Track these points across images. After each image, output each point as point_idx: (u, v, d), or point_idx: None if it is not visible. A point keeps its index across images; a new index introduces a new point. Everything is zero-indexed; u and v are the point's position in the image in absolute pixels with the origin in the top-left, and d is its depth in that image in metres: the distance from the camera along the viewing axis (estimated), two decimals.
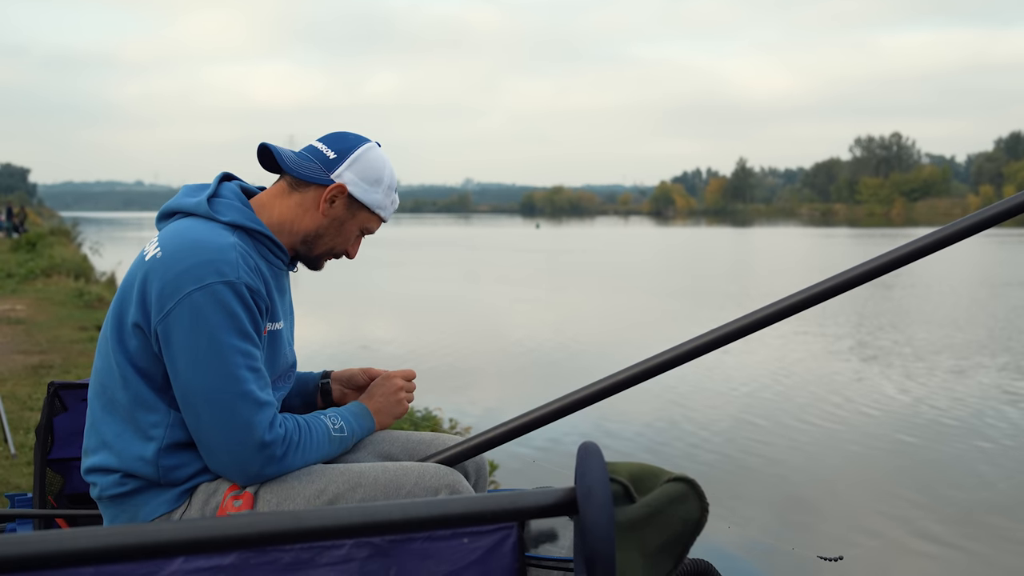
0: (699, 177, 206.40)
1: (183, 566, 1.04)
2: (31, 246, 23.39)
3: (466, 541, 1.11)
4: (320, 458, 1.89)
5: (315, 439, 1.87)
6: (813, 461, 6.82)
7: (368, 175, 1.96)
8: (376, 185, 1.97)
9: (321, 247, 2.00)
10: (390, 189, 2.00)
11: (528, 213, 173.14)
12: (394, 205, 2.04)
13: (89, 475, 1.86)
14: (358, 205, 1.97)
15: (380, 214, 2.00)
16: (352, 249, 2.04)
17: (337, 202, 1.95)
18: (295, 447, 1.82)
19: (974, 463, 6.75)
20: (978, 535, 5.30)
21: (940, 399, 8.68)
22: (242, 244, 1.83)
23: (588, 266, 30.80)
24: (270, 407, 1.78)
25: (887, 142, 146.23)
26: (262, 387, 1.78)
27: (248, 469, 1.78)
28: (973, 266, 27.76)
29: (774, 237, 56.59)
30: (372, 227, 2.02)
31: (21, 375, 7.50)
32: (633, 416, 7.87)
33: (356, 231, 2.01)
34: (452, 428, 7.00)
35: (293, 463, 1.83)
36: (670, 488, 1.09)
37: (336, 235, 1.99)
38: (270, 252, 1.92)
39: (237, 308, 1.75)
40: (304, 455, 1.84)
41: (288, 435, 1.81)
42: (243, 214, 1.90)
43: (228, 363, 1.73)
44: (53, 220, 58.71)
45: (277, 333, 1.92)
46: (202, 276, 1.73)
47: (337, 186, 1.93)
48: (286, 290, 2.04)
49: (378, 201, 1.98)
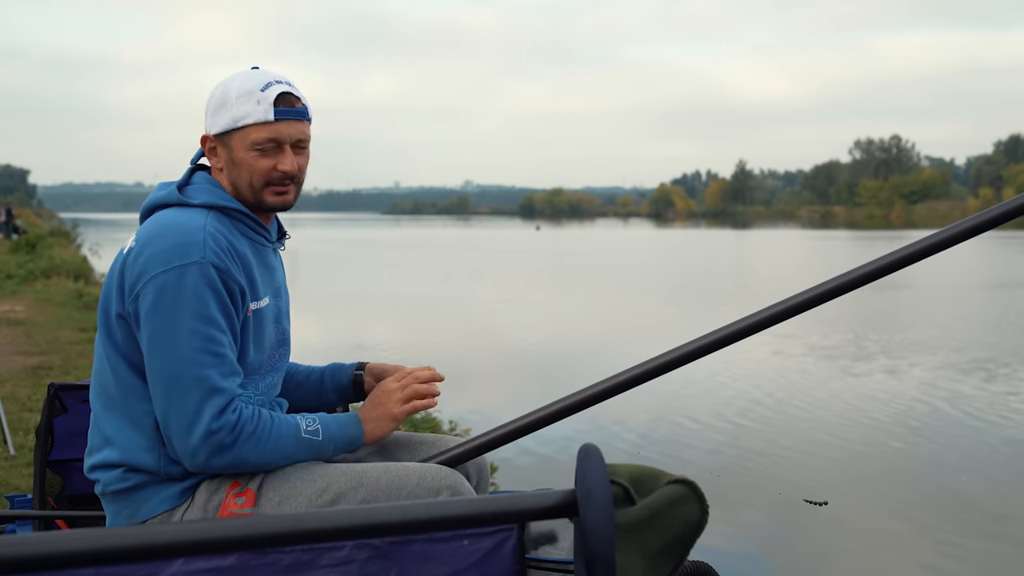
0: (699, 179, 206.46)
1: (183, 567, 1.04)
2: (31, 247, 23.38)
3: (466, 543, 1.11)
4: (282, 458, 1.80)
5: (275, 434, 1.79)
6: (812, 460, 6.81)
7: (214, 107, 1.89)
8: (224, 107, 1.87)
9: (246, 190, 1.89)
10: (243, 97, 1.85)
11: (528, 215, 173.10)
12: (264, 103, 1.85)
13: (92, 472, 1.86)
14: (226, 135, 1.87)
15: (247, 122, 1.85)
16: (281, 162, 1.88)
17: (216, 149, 1.90)
18: (247, 437, 1.75)
19: (977, 461, 6.75)
20: (977, 534, 5.30)
21: (938, 398, 8.68)
22: (216, 224, 1.82)
23: (591, 268, 30.79)
24: (224, 394, 1.73)
25: (886, 144, 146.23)
26: (223, 373, 1.74)
27: (195, 457, 1.73)
28: (970, 268, 27.78)
29: (774, 239, 56.58)
30: (258, 138, 1.85)
31: (21, 376, 7.49)
32: (633, 417, 7.86)
33: (249, 153, 1.86)
34: (452, 430, 6.99)
35: (245, 455, 1.75)
36: (670, 490, 1.09)
37: (240, 172, 1.88)
38: (249, 228, 1.90)
39: (202, 290, 1.73)
40: (258, 448, 1.76)
41: (240, 423, 1.74)
42: (215, 194, 1.88)
43: (184, 345, 1.71)
44: (53, 221, 58.69)
45: (260, 312, 1.88)
46: (168, 259, 1.74)
47: (203, 138, 1.92)
48: (274, 267, 2.00)
49: (234, 116, 1.85)
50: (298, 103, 1.90)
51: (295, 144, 1.90)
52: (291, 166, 1.89)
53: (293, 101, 1.89)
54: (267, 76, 1.89)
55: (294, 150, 1.90)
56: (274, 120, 1.85)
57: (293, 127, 1.88)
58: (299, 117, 1.89)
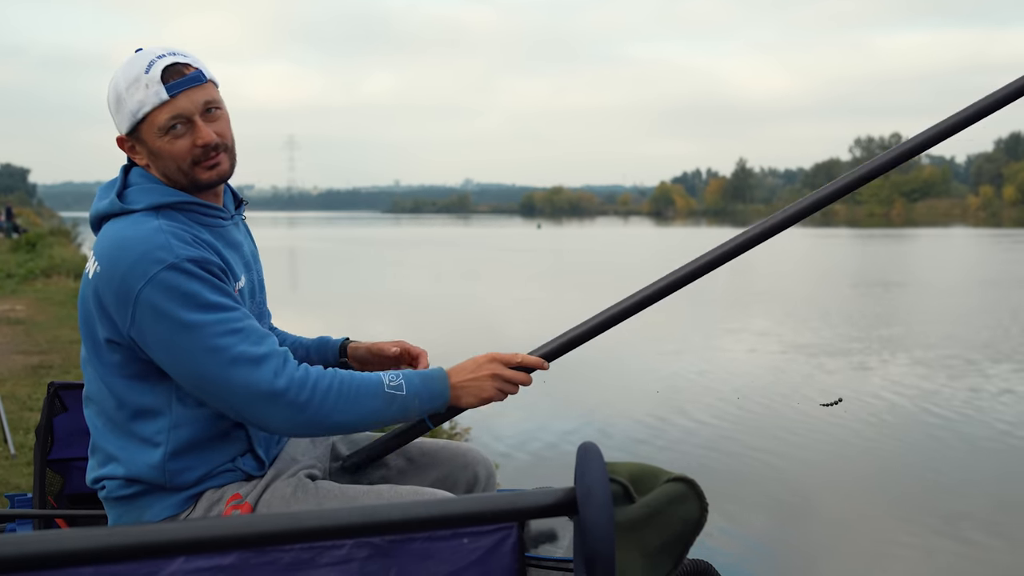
0: (699, 177, 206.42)
1: (183, 566, 1.04)
2: (31, 246, 23.38)
3: (466, 541, 1.11)
4: (370, 414, 1.75)
5: (356, 389, 1.74)
6: (811, 459, 6.81)
7: (113, 107, 1.79)
8: (120, 104, 1.77)
9: (178, 176, 1.80)
10: (132, 88, 1.74)
11: (528, 213, 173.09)
12: (152, 85, 1.73)
13: (96, 484, 1.86)
14: (134, 132, 1.78)
15: (146, 111, 1.74)
16: (199, 139, 1.77)
17: (134, 147, 1.82)
18: (324, 392, 1.71)
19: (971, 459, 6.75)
20: (975, 532, 5.30)
21: (937, 398, 8.68)
22: (170, 222, 1.75)
23: (594, 266, 30.79)
24: (271, 358, 1.69)
25: (887, 143, 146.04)
26: (255, 342, 1.70)
27: (273, 423, 1.72)
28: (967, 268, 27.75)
29: (774, 238, 56.45)
30: (163, 121, 1.75)
31: (21, 375, 7.50)
32: (632, 416, 7.87)
33: (163, 139, 1.76)
34: (452, 427, 7.00)
35: (328, 412, 1.72)
36: (670, 488, 1.09)
37: (164, 161, 1.79)
38: (202, 215, 1.82)
39: (189, 285, 1.67)
40: (341, 404, 1.72)
41: (312, 380, 1.71)
42: (157, 192, 1.79)
43: (201, 341, 1.66)
44: (53, 220, 58.69)
45: (240, 292, 1.84)
46: (144, 271, 1.67)
47: (118, 141, 1.84)
48: (239, 243, 1.91)
49: (132, 110, 1.75)
50: (188, 70, 1.76)
51: (204, 113, 1.78)
52: (208, 136, 1.77)
53: (182, 70, 1.76)
54: (147, 55, 1.76)
55: (205, 119, 1.78)
56: (169, 98, 1.74)
57: (193, 96, 1.76)
58: (194, 83, 1.76)
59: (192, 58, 1.80)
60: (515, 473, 5.97)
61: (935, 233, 60.94)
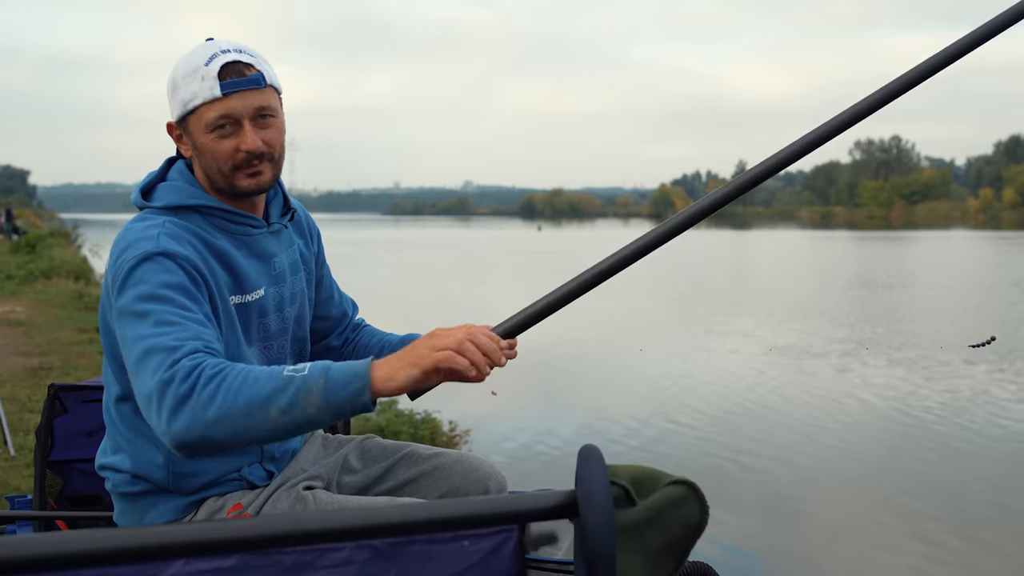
0: (699, 179, 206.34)
1: (184, 568, 1.04)
2: (31, 248, 23.39)
3: (466, 544, 1.11)
4: (257, 399, 1.43)
5: (245, 374, 1.46)
6: (810, 460, 6.81)
7: (169, 91, 1.74)
8: (174, 91, 1.71)
9: (217, 177, 1.74)
10: (188, 77, 1.69)
11: (528, 215, 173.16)
12: (208, 79, 1.67)
13: (102, 471, 1.86)
14: (183, 122, 1.73)
15: (197, 104, 1.68)
16: (243, 144, 1.70)
17: (181, 136, 1.76)
18: (209, 379, 1.44)
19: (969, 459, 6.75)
20: (974, 532, 5.30)
21: (933, 398, 8.68)
22: (178, 222, 1.70)
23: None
24: (174, 349, 1.48)
25: (887, 145, 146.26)
26: (177, 338, 1.51)
27: (160, 420, 1.45)
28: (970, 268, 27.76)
29: (774, 240, 56.57)
30: (211, 119, 1.68)
31: (21, 377, 7.50)
32: (631, 418, 7.87)
33: (208, 137, 1.70)
34: (452, 430, 7.00)
35: (207, 397, 1.43)
36: (671, 491, 1.09)
37: (205, 158, 1.73)
38: (227, 221, 1.76)
39: (151, 275, 1.59)
40: (222, 390, 1.43)
41: (198, 369, 1.45)
42: (181, 192, 1.74)
43: (138, 330, 1.54)
44: (53, 222, 58.72)
45: (248, 305, 1.77)
46: (124, 262, 1.63)
47: (167, 127, 1.78)
48: (272, 253, 1.83)
49: (183, 100, 1.70)
50: (249, 70, 1.68)
51: (255, 118, 1.70)
52: (252, 143, 1.69)
53: (243, 69, 1.68)
54: (213, 47, 1.69)
55: (256, 124, 1.70)
56: (222, 96, 1.66)
57: (247, 99, 1.68)
58: (251, 86, 1.68)
59: (259, 59, 1.72)
60: (516, 476, 5.96)
61: (934, 236, 60.94)
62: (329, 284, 2.11)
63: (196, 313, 1.58)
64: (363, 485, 2.00)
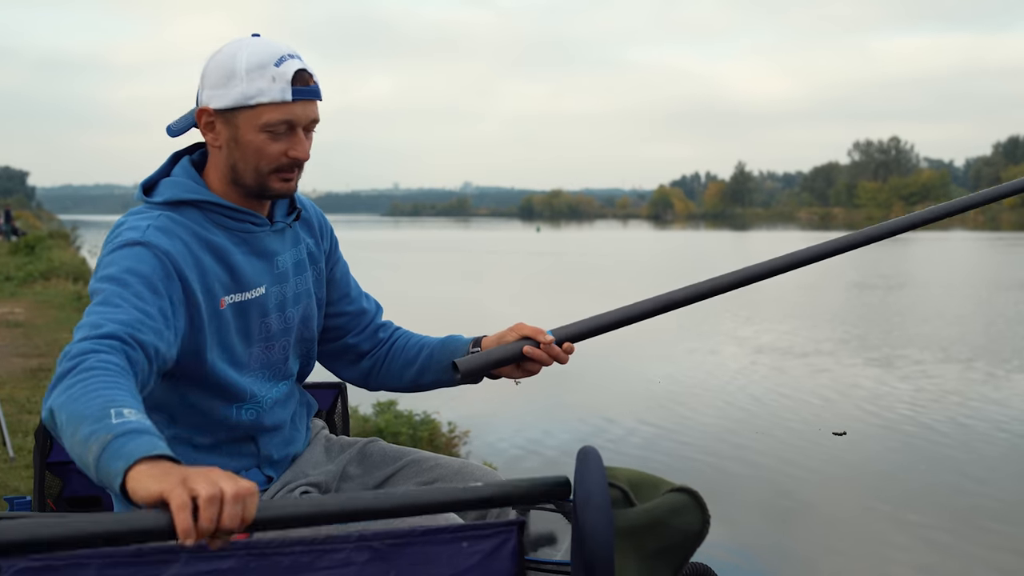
0: (698, 181, 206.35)
1: (183, 569, 1.04)
2: (30, 249, 23.37)
3: (465, 545, 1.11)
4: (82, 413, 1.30)
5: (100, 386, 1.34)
6: (810, 460, 6.81)
7: (218, 78, 1.69)
8: (231, 80, 1.68)
9: (248, 175, 1.73)
10: (253, 71, 1.67)
11: (527, 217, 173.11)
12: (280, 81, 1.67)
13: None
14: (231, 112, 1.69)
15: (261, 101, 1.67)
16: (292, 151, 1.71)
17: (215, 124, 1.72)
18: (80, 371, 1.37)
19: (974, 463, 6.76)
20: (972, 533, 5.30)
21: (932, 398, 8.68)
22: (174, 216, 1.69)
23: (595, 270, 30.78)
24: (97, 328, 1.46)
25: (886, 146, 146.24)
26: (108, 316, 1.49)
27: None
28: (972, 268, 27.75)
29: (773, 241, 56.59)
30: (272, 120, 1.68)
31: (20, 378, 7.50)
32: (631, 419, 7.87)
33: (259, 136, 1.70)
34: (451, 432, 7.00)
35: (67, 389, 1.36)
36: (672, 498, 1.09)
37: (244, 154, 1.71)
38: (226, 218, 1.75)
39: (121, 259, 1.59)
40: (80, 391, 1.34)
41: (87, 356, 1.40)
42: (181, 187, 1.73)
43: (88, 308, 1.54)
44: (52, 223, 58.70)
45: (249, 303, 1.76)
46: (103, 252, 1.64)
47: (200, 111, 1.72)
48: (275, 252, 1.82)
49: (245, 92, 1.67)
50: (312, 81, 1.73)
51: (306, 128, 1.74)
52: (303, 153, 1.73)
53: (308, 79, 1.71)
54: (278, 48, 1.70)
55: (306, 134, 1.74)
56: (291, 101, 1.68)
57: (308, 109, 1.72)
58: (315, 97, 1.73)
59: (314, 72, 1.75)
60: (514, 476, 5.96)
61: (934, 236, 60.96)
62: (345, 282, 2.06)
63: (148, 304, 1.55)
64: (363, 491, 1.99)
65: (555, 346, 1.79)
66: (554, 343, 1.79)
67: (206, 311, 1.69)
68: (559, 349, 1.79)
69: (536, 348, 1.78)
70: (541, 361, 1.80)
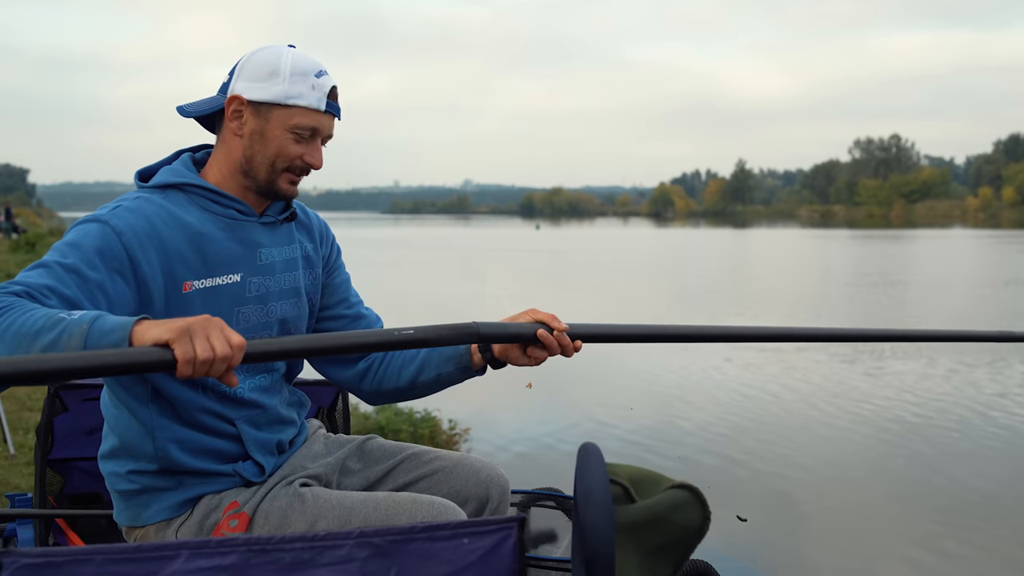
0: (698, 178, 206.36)
1: (184, 566, 1.04)
2: (30, 246, 23.39)
3: (466, 541, 1.11)
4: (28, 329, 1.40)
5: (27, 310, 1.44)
6: (810, 460, 6.82)
7: (259, 72, 1.79)
8: (273, 77, 1.78)
9: (262, 168, 1.81)
10: (297, 75, 1.78)
11: (527, 214, 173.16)
12: (318, 91, 1.80)
13: (103, 463, 1.86)
14: (266, 107, 1.78)
15: (298, 104, 1.78)
16: (309, 156, 1.83)
17: (244, 114, 1.80)
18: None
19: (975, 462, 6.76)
20: (972, 535, 5.31)
21: (932, 397, 8.69)
22: (151, 198, 1.75)
23: (594, 267, 30.79)
24: (12, 285, 1.51)
25: (886, 144, 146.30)
26: (31, 278, 1.54)
27: None
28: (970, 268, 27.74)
29: (773, 239, 56.60)
30: (303, 123, 1.79)
31: None
32: (633, 416, 7.87)
33: (285, 134, 1.79)
34: (452, 429, 7.00)
35: None
36: (673, 495, 1.09)
37: (265, 148, 1.80)
38: (210, 201, 1.81)
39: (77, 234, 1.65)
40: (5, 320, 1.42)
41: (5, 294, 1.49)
42: (171, 172, 1.81)
43: None
44: (52, 220, 58.74)
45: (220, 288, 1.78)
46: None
47: (232, 97, 1.79)
48: (259, 243, 1.85)
49: (285, 92, 1.77)
50: (337, 100, 1.87)
51: (324, 140, 1.87)
52: (318, 161, 1.85)
53: (337, 96, 1.86)
54: (317, 63, 1.83)
55: (322, 144, 1.88)
56: (323, 111, 1.82)
57: (331, 123, 1.86)
58: (337, 114, 1.87)
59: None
60: (515, 475, 5.95)
61: (933, 235, 60.97)
62: (345, 289, 2.08)
63: (79, 275, 1.59)
64: (363, 486, 1.98)
65: (566, 336, 1.79)
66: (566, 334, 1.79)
67: (164, 292, 1.72)
68: (569, 340, 1.79)
69: (549, 334, 1.78)
70: (550, 347, 1.80)
